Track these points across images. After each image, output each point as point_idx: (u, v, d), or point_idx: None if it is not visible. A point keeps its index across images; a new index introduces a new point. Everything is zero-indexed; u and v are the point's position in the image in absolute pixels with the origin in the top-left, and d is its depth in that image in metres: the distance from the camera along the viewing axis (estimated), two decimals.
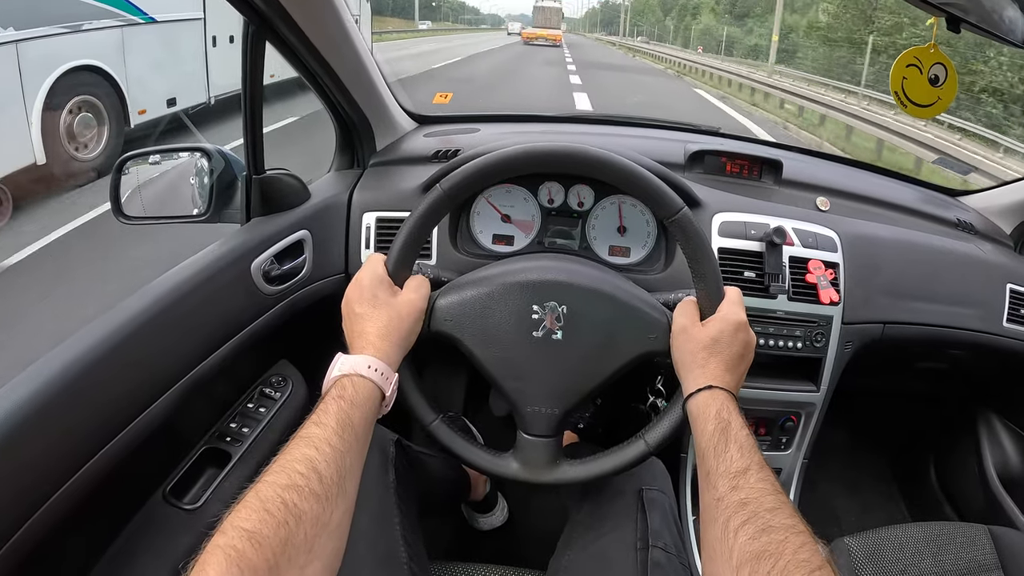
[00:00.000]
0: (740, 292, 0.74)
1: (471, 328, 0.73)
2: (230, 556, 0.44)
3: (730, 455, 0.59)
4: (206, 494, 0.85)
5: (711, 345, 0.68)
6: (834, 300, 1.03)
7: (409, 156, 1.22)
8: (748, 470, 0.58)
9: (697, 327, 0.70)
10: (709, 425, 0.63)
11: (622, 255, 1.08)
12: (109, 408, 0.70)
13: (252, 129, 0.95)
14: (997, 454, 1.36)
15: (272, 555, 0.46)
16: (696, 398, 0.66)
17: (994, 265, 1.17)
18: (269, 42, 0.92)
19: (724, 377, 0.67)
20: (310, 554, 0.49)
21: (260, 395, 1.00)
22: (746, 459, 0.59)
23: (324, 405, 0.59)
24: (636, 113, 1.73)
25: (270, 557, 0.45)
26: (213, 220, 1.01)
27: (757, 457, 0.59)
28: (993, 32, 0.78)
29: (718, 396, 0.65)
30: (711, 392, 0.66)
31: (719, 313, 0.71)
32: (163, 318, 0.78)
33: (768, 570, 0.48)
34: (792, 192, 1.19)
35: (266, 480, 0.51)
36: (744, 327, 0.70)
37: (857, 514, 1.53)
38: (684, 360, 0.70)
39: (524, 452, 0.76)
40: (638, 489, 0.84)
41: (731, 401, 0.65)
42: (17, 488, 0.60)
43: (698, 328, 0.70)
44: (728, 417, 0.63)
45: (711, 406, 0.64)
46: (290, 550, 0.47)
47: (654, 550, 0.76)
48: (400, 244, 0.72)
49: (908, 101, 0.83)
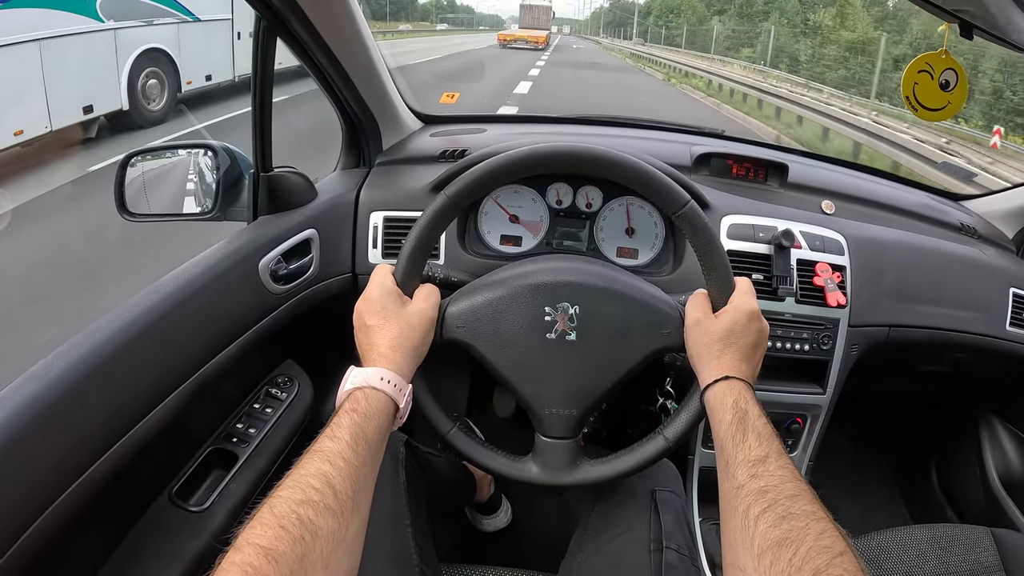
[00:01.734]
0: (750, 282, 0.74)
1: (484, 334, 0.73)
2: (247, 573, 0.44)
3: (749, 444, 0.59)
4: (212, 496, 0.84)
5: (725, 336, 0.69)
6: (841, 303, 1.03)
7: (416, 155, 1.21)
8: (767, 458, 0.57)
9: (710, 319, 0.71)
10: (727, 415, 0.63)
11: (630, 257, 1.08)
12: (116, 408, 0.69)
13: (261, 126, 0.94)
14: (999, 457, 1.37)
15: (289, 572, 0.45)
16: (713, 389, 0.66)
17: (997, 269, 1.18)
18: (281, 39, 0.91)
19: (740, 367, 0.67)
20: (327, 570, 0.48)
21: (266, 395, 0.99)
22: (764, 447, 0.58)
23: (337, 419, 0.58)
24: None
25: (287, 574, 0.45)
26: (219, 218, 1.00)
27: (776, 445, 0.59)
28: (1004, 38, 0.79)
29: (735, 386, 0.65)
30: (728, 383, 0.66)
31: (731, 304, 0.71)
32: (171, 316, 0.78)
33: (790, 557, 0.48)
34: (798, 195, 1.19)
35: (280, 495, 0.50)
36: (757, 316, 0.70)
37: (860, 516, 1.53)
38: (699, 352, 0.70)
39: (544, 455, 0.75)
40: (651, 490, 0.83)
41: (748, 391, 0.65)
42: (24, 489, 0.59)
43: (711, 320, 0.70)
44: (745, 406, 0.63)
45: (728, 396, 0.64)
46: (307, 566, 0.46)
47: (668, 551, 0.76)
48: (407, 253, 0.72)
49: (919, 105, 0.83)
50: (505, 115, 1.51)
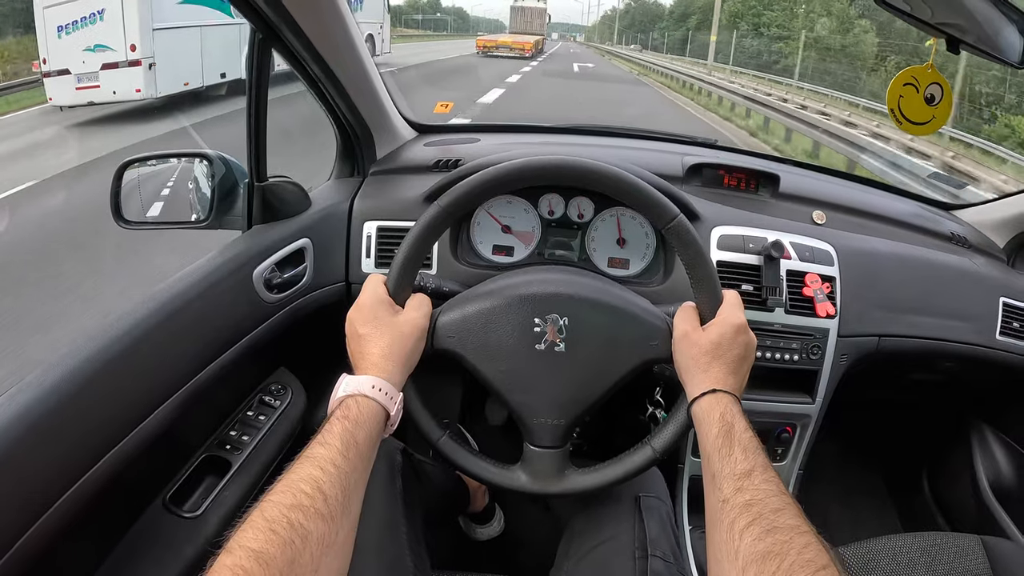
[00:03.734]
0: (738, 295, 0.75)
1: (474, 344, 0.74)
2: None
3: (735, 457, 0.60)
4: (206, 502, 0.85)
5: (712, 349, 0.69)
6: (830, 313, 1.04)
7: (410, 165, 1.22)
8: (753, 471, 0.58)
9: (698, 332, 0.71)
10: (713, 428, 0.64)
11: (621, 267, 1.08)
12: (111, 416, 0.70)
13: (256, 136, 0.95)
14: (989, 465, 1.38)
15: (279, 575, 0.46)
16: (700, 402, 0.67)
17: (987, 278, 1.19)
18: (276, 50, 0.92)
19: (727, 380, 0.68)
20: (316, 574, 0.49)
21: (260, 403, 1.00)
22: (751, 461, 0.59)
23: (329, 425, 0.59)
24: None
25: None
26: (214, 226, 1.01)
27: (762, 459, 0.60)
28: (991, 53, 0.80)
29: (722, 399, 0.66)
30: (715, 396, 0.67)
31: (719, 317, 0.72)
32: (166, 325, 0.78)
33: (773, 570, 0.49)
34: (789, 205, 1.20)
35: (271, 500, 0.51)
36: (744, 329, 0.71)
37: (850, 524, 1.53)
38: (687, 365, 0.71)
39: (531, 464, 0.76)
40: (635, 496, 0.84)
41: (735, 404, 0.66)
42: (18, 496, 0.60)
43: (699, 333, 0.71)
44: (732, 420, 0.64)
45: (715, 410, 0.65)
46: (297, 570, 0.47)
47: (653, 559, 0.76)
48: (400, 263, 0.73)
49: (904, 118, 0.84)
50: (498, 124, 1.51)
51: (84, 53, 6.46)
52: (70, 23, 6.41)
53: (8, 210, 4.10)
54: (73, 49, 6.44)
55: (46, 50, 6.53)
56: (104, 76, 6.53)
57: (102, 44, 6.48)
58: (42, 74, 6.67)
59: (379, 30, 13.77)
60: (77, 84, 6.58)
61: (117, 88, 6.61)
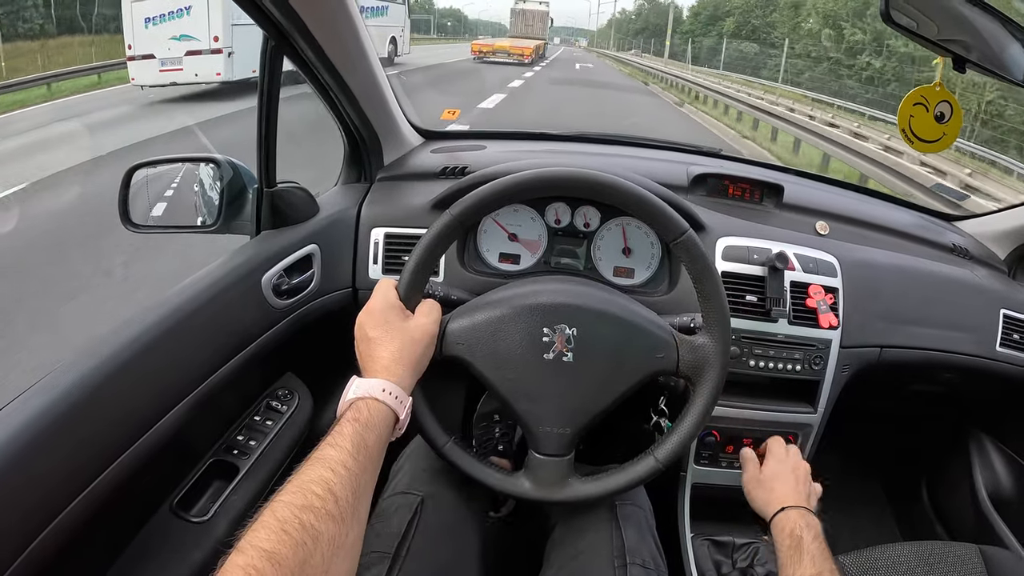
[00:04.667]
0: (780, 444, 0.95)
1: (483, 351, 0.74)
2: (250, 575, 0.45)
3: (804, 566, 0.74)
4: (214, 507, 0.85)
5: (771, 479, 0.89)
6: (833, 324, 1.05)
7: (417, 172, 1.23)
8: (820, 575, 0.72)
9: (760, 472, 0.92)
10: (785, 541, 0.78)
11: (626, 276, 1.09)
12: (121, 421, 0.70)
13: (266, 142, 0.96)
14: (988, 475, 1.39)
15: (291, 575, 0.46)
16: (775, 519, 0.82)
17: (988, 290, 1.20)
18: (287, 57, 0.93)
19: (791, 497, 0.84)
20: (326, 575, 0.49)
21: (267, 408, 1.00)
22: (818, 567, 0.73)
23: (339, 427, 0.60)
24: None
25: None
26: (222, 231, 1.01)
27: (828, 565, 0.74)
28: (996, 71, 0.81)
29: (791, 516, 0.80)
30: (784, 514, 0.81)
31: (767, 469, 0.91)
32: (176, 330, 0.79)
33: None
34: (792, 216, 1.21)
35: (282, 500, 0.51)
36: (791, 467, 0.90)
37: (850, 533, 1.54)
38: (756, 495, 0.89)
39: (535, 471, 0.77)
40: (611, 504, 0.85)
41: (803, 517, 0.80)
42: (29, 502, 0.61)
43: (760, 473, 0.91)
44: (800, 533, 0.77)
45: (785, 526, 0.80)
46: (308, 571, 0.48)
47: (633, 567, 0.77)
48: (411, 269, 0.74)
49: (915, 137, 0.85)
50: (505, 132, 1.52)
51: (170, 41, 7.55)
52: (156, 16, 7.54)
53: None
54: (159, 38, 7.53)
55: (132, 38, 7.56)
56: (188, 61, 7.71)
57: (187, 34, 7.66)
58: (127, 58, 7.72)
59: (401, 33, 14.68)
60: (161, 67, 7.68)
61: (200, 71, 7.84)
